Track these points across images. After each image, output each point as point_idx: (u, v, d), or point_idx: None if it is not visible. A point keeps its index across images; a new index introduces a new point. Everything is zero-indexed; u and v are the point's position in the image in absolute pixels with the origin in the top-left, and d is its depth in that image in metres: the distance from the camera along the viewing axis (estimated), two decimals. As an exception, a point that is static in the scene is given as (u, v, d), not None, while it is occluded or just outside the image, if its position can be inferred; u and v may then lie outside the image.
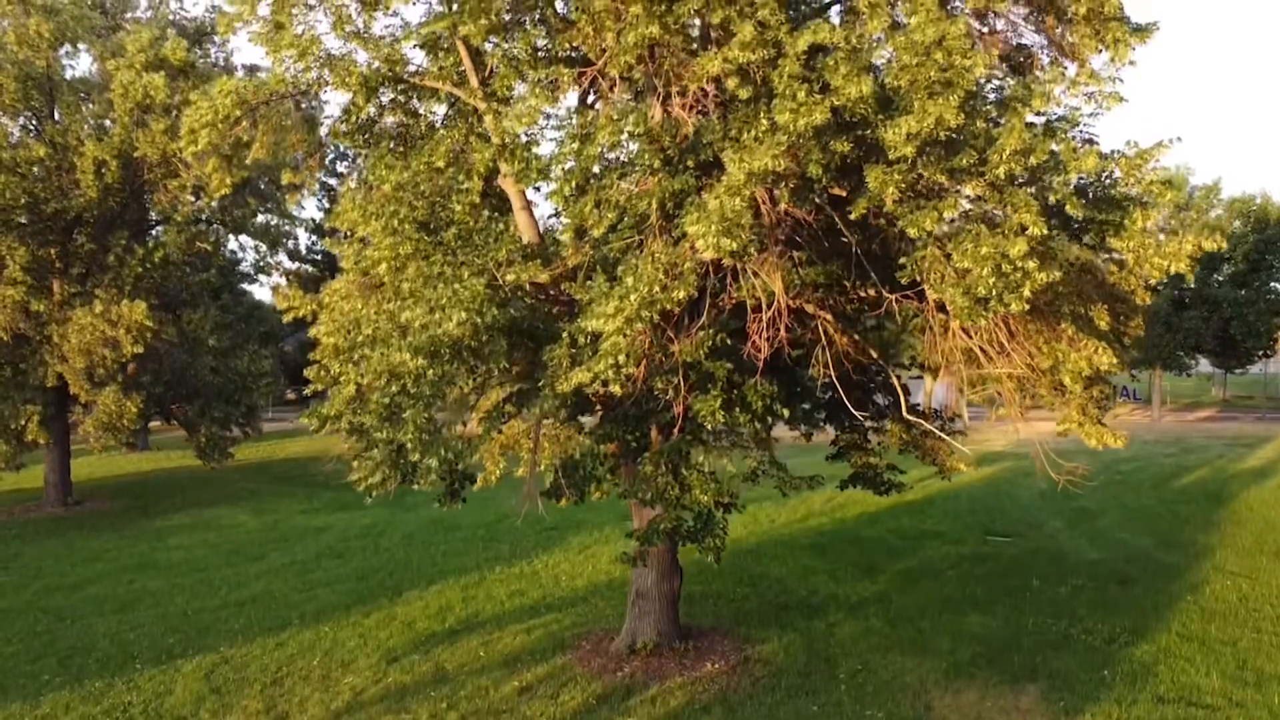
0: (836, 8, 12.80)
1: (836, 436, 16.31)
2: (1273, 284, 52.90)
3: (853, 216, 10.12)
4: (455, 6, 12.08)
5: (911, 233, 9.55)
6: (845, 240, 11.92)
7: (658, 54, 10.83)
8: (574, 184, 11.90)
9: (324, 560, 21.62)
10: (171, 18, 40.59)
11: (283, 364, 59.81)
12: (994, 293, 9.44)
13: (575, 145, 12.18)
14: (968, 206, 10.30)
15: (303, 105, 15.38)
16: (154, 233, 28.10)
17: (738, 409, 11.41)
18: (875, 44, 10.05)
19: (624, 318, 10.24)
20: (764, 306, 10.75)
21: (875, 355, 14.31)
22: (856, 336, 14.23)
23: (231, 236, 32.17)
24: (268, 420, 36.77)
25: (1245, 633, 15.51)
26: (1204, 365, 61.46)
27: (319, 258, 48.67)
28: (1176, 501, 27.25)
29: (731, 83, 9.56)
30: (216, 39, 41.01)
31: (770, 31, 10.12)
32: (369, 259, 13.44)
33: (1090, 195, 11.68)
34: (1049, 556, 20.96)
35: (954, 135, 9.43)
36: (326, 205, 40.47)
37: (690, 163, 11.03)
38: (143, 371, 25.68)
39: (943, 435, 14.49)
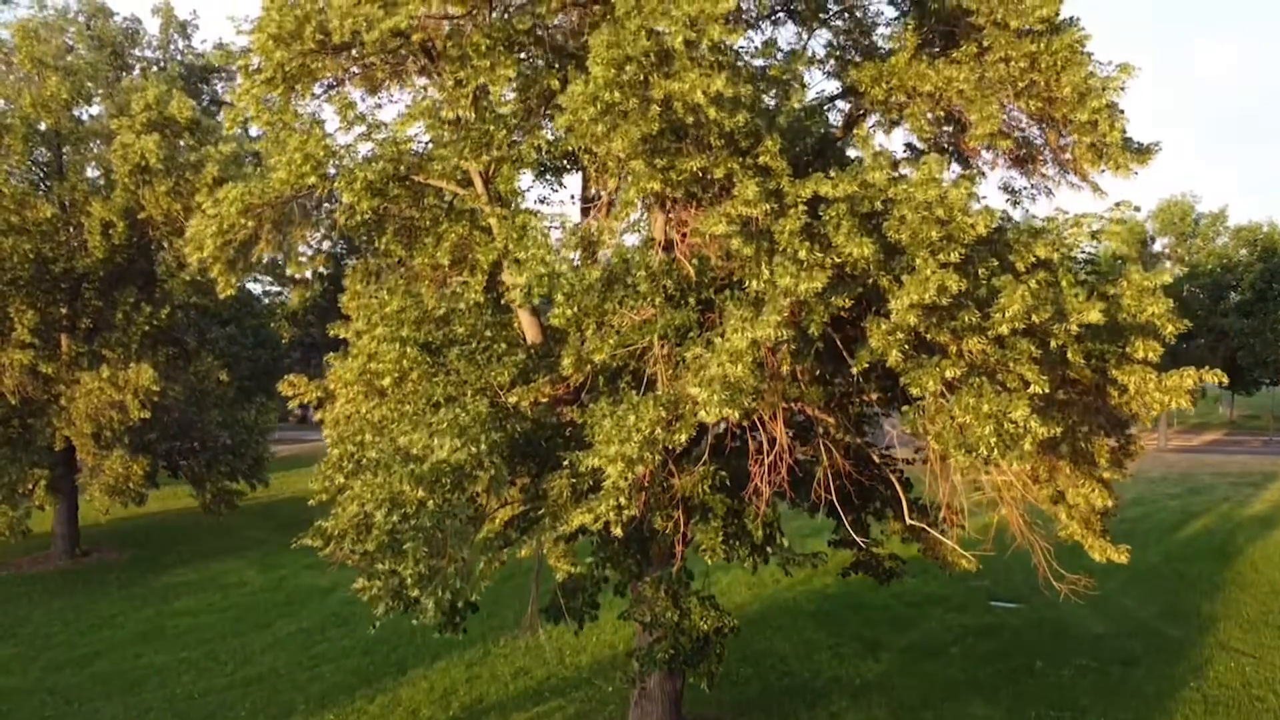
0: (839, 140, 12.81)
1: (837, 526, 16.35)
2: (1280, 313, 52.80)
3: (854, 370, 10.14)
4: (460, 134, 12.11)
5: (914, 391, 9.60)
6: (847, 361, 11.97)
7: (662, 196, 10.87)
8: (576, 307, 11.97)
9: (329, 629, 21.70)
10: (178, 56, 40.99)
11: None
12: (995, 452, 9.46)
13: (577, 253, 12.25)
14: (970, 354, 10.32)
15: (308, 205, 15.46)
16: (162, 287, 28.19)
17: (737, 541, 11.46)
18: (877, 194, 10.07)
19: (625, 461, 10.30)
20: (765, 450, 10.79)
21: (877, 460, 14.34)
22: (858, 440, 14.30)
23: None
24: (272, 440, 36.86)
25: (1247, 729, 15.53)
26: (1210, 384, 61.35)
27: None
28: (1181, 559, 27.20)
29: (735, 242, 9.60)
30: (222, 82, 41.44)
31: (772, 179, 10.16)
32: (372, 370, 13.54)
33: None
34: (1052, 629, 20.94)
35: (956, 300, 9.45)
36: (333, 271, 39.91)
37: (692, 300, 11.08)
38: (149, 428, 25.79)
39: (943, 539, 14.52)
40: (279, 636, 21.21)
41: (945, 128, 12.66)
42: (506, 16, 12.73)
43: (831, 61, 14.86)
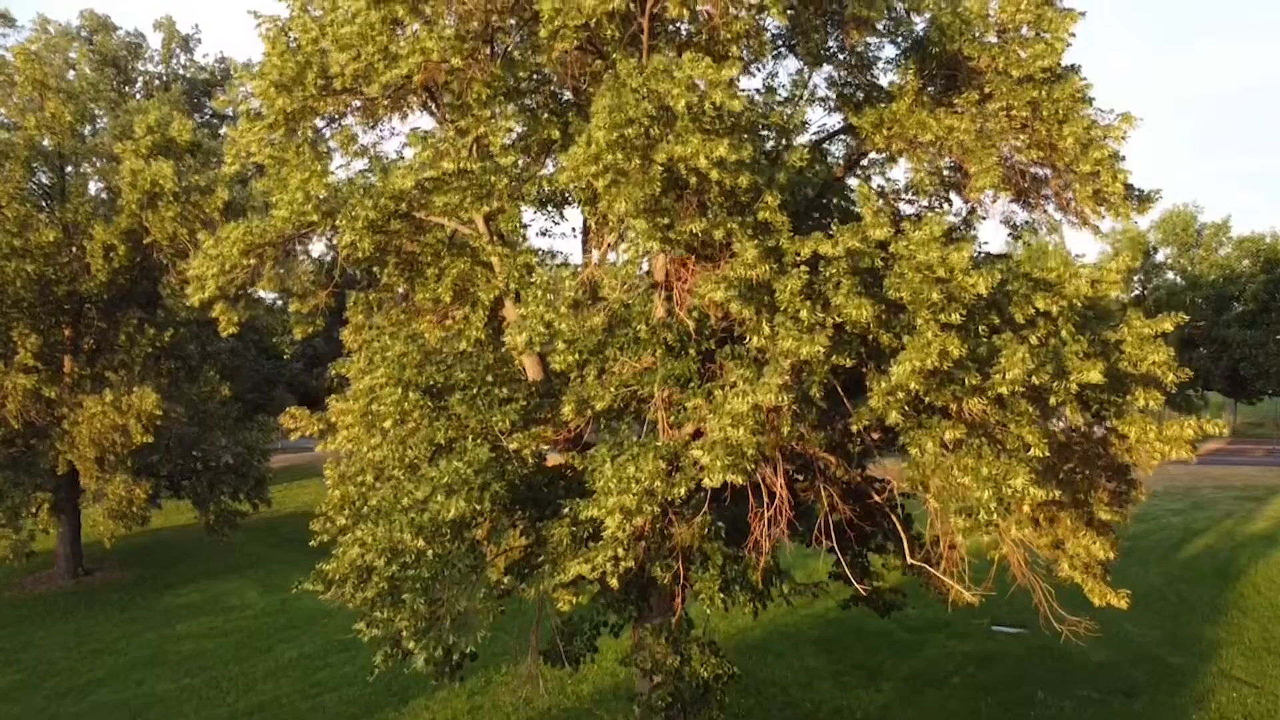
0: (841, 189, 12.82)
1: (837, 561, 16.37)
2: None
3: (854, 429, 10.14)
4: (462, 184, 12.12)
5: (913, 452, 9.59)
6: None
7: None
8: (578, 354, 11.99)
9: (331, 654, 21.72)
10: (180, 70, 41.05)
11: (290, 389, 60.10)
12: (994, 517, 9.47)
13: (579, 292, 12.24)
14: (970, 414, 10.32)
15: (309, 243, 15.49)
16: (165, 306, 28.18)
17: (737, 587, 11.47)
18: (877, 252, 10.08)
19: (624, 512, 10.32)
20: (766, 504, 10.80)
21: (879, 499, 14.33)
22: (859, 479, 14.30)
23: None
24: (275, 449, 36.76)
25: (1249, 768, 15.51)
26: (1212, 392, 61.22)
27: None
28: (1183, 580, 27.16)
29: (734, 306, 9.60)
30: (225, 93, 41.41)
31: (772, 236, 10.17)
32: (374, 412, 13.55)
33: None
34: (1054, 657, 20.88)
35: (957, 362, 9.45)
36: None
37: (692, 350, 11.09)
38: (152, 450, 25.81)
39: (945, 579, 14.49)
40: (281, 663, 21.24)
41: (947, 175, 12.64)
42: (508, 63, 12.76)
43: (834, 98, 14.88)
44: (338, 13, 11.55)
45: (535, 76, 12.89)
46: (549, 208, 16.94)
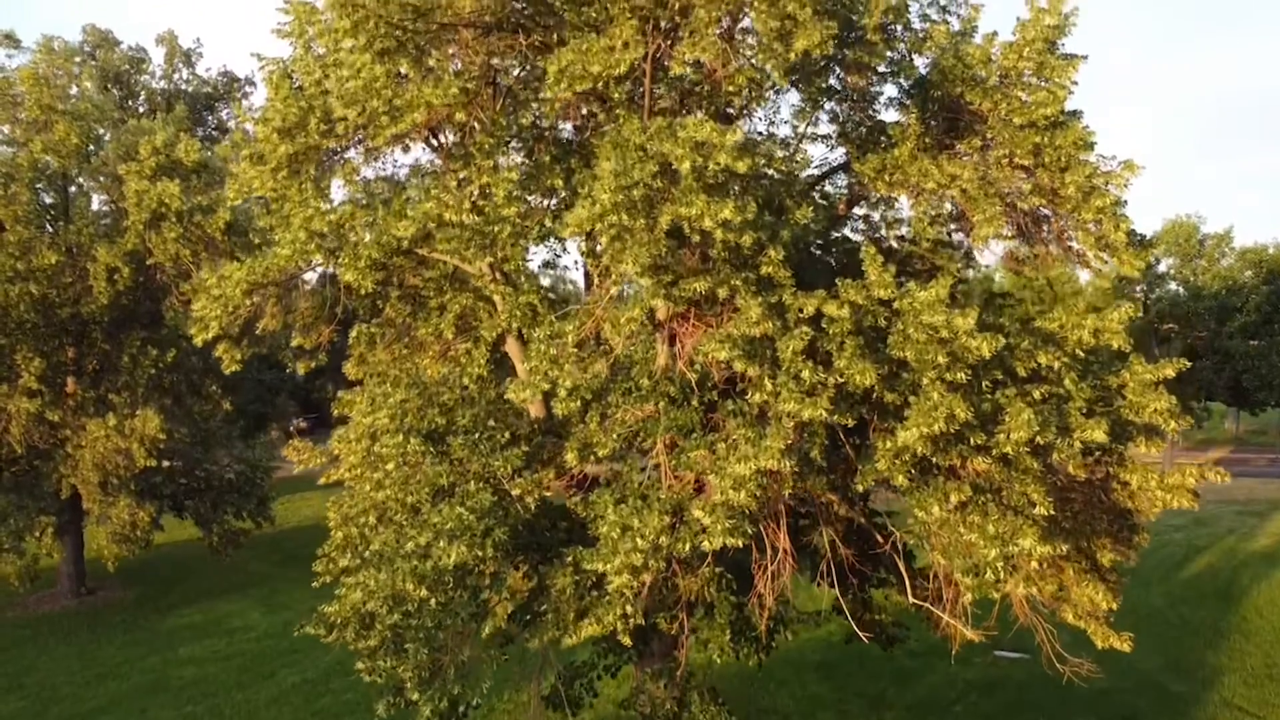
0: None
1: (837, 600, 16.38)
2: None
3: (859, 488, 10.16)
4: (467, 234, 12.14)
5: (919, 515, 9.61)
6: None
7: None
8: (580, 401, 11.99)
9: (333, 679, 21.74)
10: (183, 85, 41.08)
11: (292, 397, 60.12)
12: (1001, 576, 9.50)
13: (582, 333, 12.24)
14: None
15: (310, 281, 15.51)
16: (168, 326, 28.21)
17: (743, 637, 11.48)
18: (880, 310, 10.09)
19: (630, 570, 10.33)
20: (769, 557, 10.81)
21: (881, 539, 14.33)
22: (861, 518, 14.30)
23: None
24: (277, 467, 36.82)
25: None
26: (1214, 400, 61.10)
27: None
28: (1185, 601, 27.15)
29: (738, 365, 9.62)
30: (229, 107, 41.51)
31: (775, 292, 10.18)
32: (376, 454, 13.57)
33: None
34: (1056, 684, 20.74)
35: (963, 427, 9.45)
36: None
37: (695, 402, 11.10)
38: (155, 470, 25.84)
39: (949, 619, 14.50)
40: (283, 689, 21.26)
41: (950, 225, 12.65)
42: (511, 103, 12.79)
43: (835, 135, 14.89)
44: (341, 64, 11.55)
45: (537, 125, 12.91)
46: (551, 241, 16.98)
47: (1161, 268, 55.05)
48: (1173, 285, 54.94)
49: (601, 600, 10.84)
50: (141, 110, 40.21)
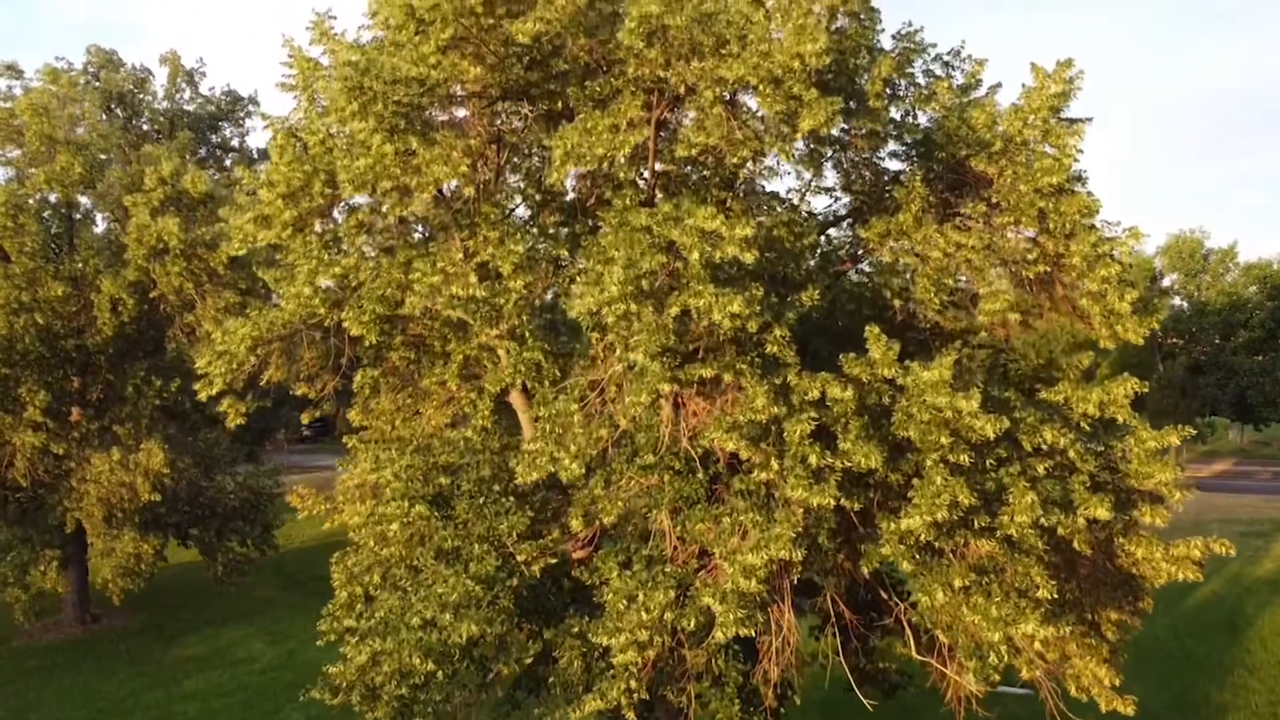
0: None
1: (839, 650, 16.38)
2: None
3: (865, 571, 10.17)
4: (472, 306, 12.14)
5: (923, 601, 9.61)
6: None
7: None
8: (584, 466, 12.00)
9: (338, 718, 21.71)
10: (187, 106, 41.11)
11: (295, 408, 60.27)
12: (1005, 659, 9.51)
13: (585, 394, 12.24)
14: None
15: (316, 334, 15.47)
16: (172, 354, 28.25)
17: (751, 708, 11.49)
18: (885, 389, 10.09)
19: (636, 647, 10.34)
20: (773, 632, 10.82)
21: (886, 597, 14.34)
22: (865, 578, 14.29)
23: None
24: (280, 490, 36.75)
25: None
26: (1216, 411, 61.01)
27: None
28: (1189, 633, 27.10)
29: (745, 453, 9.63)
30: (230, 126, 41.56)
31: (781, 373, 10.18)
32: (380, 514, 13.58)
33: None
34: (1061, 722, 20.88)
35: (966, 511, 9.46)
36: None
37: (701, 476, 11.12)
38: (159, 502, 25.84)
39: (954, 676, 14.50)
40: (288, 727, 21.29)
41: (954, 295, 12.63)
42: (517, 168, 12.81)
43: (840, 187, 14.90)
44: (349, 138, 11.55)
45: (541, 188, 12.91)
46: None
47: (1165, 283, 55.05)
48: (1177, 300, 54.92)
49: (606, 674, 10.85)
50: (145, 128, 40.32)
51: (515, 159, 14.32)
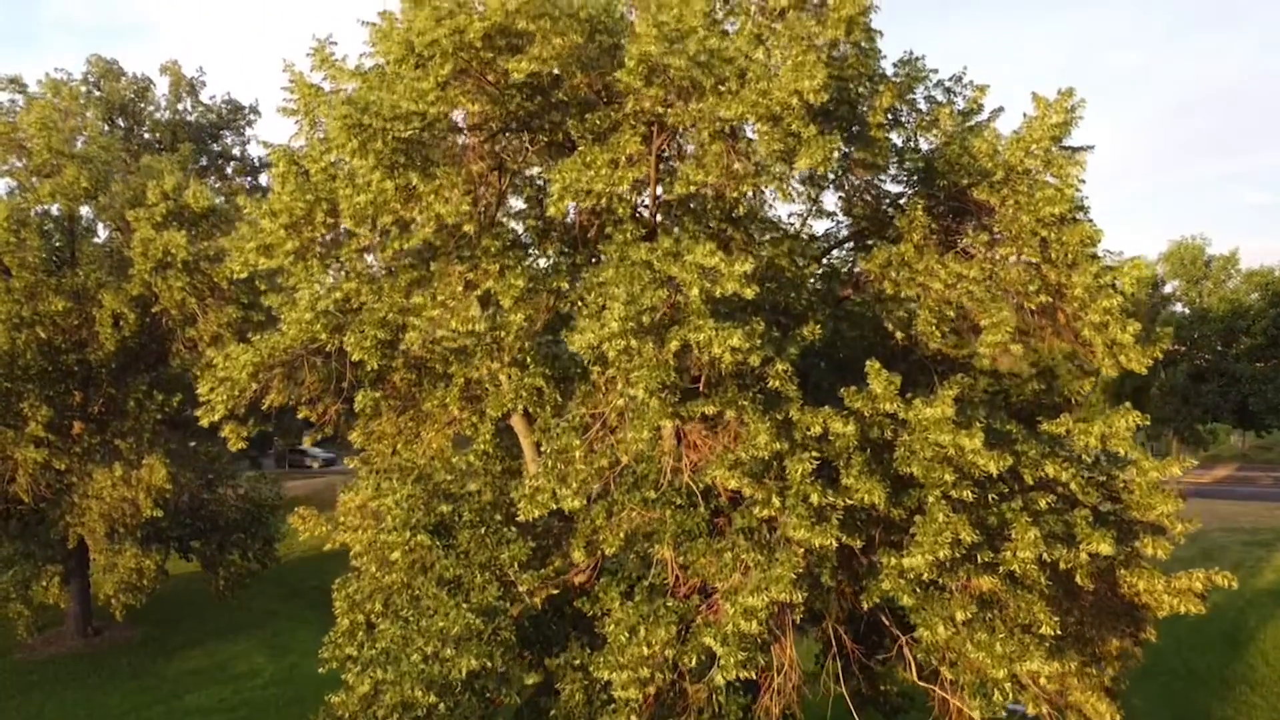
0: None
1: (839, 677, 16.38)
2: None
3: (865, 605, 10.17)
4: (472, 340, 12.15)
5: (925, 636, 9.62)
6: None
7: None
8: (586, 499, 12.00)
9: (339, 733, 21.72)
10: (188, 117, 41.17)
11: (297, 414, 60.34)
12: (1010, 696, 9.52)
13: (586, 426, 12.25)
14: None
15: (317, 359, 15.48)
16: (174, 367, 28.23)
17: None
18: (887, 424, 10.09)
19: (638, 683, 10.34)
20: (775, 673, 10.82)
21: (889, 624, 14.34)
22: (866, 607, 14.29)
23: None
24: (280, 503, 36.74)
25: None
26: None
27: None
28: (1191, 647, 27.05)
29: (747, 490, 9.63)
30: (231, 135, 41.63)
31: (783, 408, 10.18)
32: (383, 541, 13.60)
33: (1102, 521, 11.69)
34: (1062, 741, 20.88)
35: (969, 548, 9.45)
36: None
37: (703, 510, 11.12)
38: (162, 517, 25.84)
39: (957, 703, 14.49)
40: (289, 744, 21.29)
41: (955, 323, 12.62)
42: (523, 209, 12.83)
43: (841, 211, 14.90)
44: (350, 170, 11.55)
45: (541, 217, 12.90)
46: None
47: (1167, 289, 54.99)
48: (1178, 306, 54.85)
49: (608, 707, 10.85)
50: (146, 137, 40.37)
51: (517, 182, 14.33)
